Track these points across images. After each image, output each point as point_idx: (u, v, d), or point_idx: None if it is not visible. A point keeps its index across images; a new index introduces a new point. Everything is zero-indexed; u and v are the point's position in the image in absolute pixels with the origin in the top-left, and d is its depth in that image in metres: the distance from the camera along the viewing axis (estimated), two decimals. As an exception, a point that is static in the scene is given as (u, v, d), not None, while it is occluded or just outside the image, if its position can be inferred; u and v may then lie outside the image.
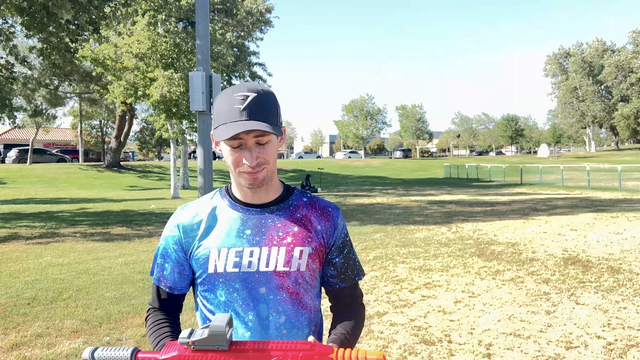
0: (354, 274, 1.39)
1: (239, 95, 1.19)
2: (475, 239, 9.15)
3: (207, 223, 1.30)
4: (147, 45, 17.64)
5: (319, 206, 1.36)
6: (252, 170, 1.22)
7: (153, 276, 1.36)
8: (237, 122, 1.18)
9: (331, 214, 1.36)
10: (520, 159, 56.54)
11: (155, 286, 1.36)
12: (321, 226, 1.33)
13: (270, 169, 1.26)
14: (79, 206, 15.98)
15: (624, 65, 61.29)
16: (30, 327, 4.50)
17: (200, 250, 1.28)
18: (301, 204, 1.35)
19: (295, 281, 1.28)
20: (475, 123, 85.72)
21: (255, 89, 1.21)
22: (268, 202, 1.32)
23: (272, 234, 1.28)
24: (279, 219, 1.30)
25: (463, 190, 23.03)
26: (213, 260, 1.26)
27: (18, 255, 7.93)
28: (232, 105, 1.19)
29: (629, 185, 22.32)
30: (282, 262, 1.26)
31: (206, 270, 1.27)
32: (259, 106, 1.19)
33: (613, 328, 4.37)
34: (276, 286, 1.26)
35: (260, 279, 1.25)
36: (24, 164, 37.01)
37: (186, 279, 1.33)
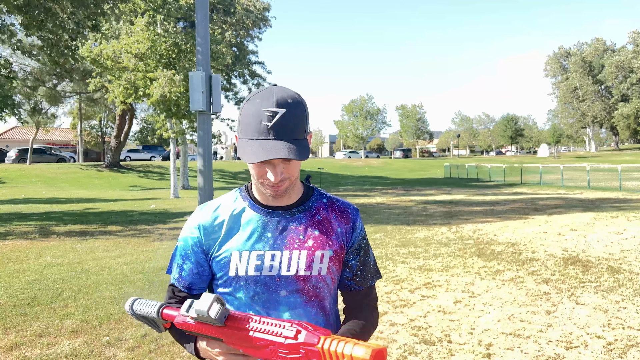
0: (369, 277, 1.39)
1: (267, 111, 1.15)
2: (475, 239, 9.15)
3: (228, 225, 1.30)
4: (147, 45, 17.64)
5: (338, 207, 1.36)
6: (275, 185, 1.22)
7: (171, 275, 1.36)
8: (264, 142, 1.15)
9: (350, 215, 1.36)
10: (520, 158, 56.55)
11: (170, 287, 1.36)
12: (341, 228, 1.33)
13: (292, 181, 1.25)
14: (79, 206, 15.98)
15: (624, 65, 61.28)
16: (30, 327, 4.50)
17: (221, 253, 1.28)
18: (321, 205, 1.35)
19: (316, 285, 1.28)
20: (476, 123, 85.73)
21: (285, 102, 1.17)
22: (289, 204, 1.32)
23: (294, 237, 1.28)
24: (300, 221, 1.30)
25: (463, 190, 23.03)
26: (234, 263, 1.27)
27: (18, 255, 7.93)
28: (260, 121, 1.16)
29: (629, 185, 22.32)
30: (304, 266, 1.27)
31: (227, 273, 1.28)
32: (287, 124, 1.16)
33: (613, 328, 4.37)
34: (297, 290, 1.27)
35: (281, 283, 1.26)
36: (24, 163, 37.00)
37: (205, 280, 1.34)
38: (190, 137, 22.79)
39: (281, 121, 1.15)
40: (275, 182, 1.21)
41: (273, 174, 1.20)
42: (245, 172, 38.35)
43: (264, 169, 1.21)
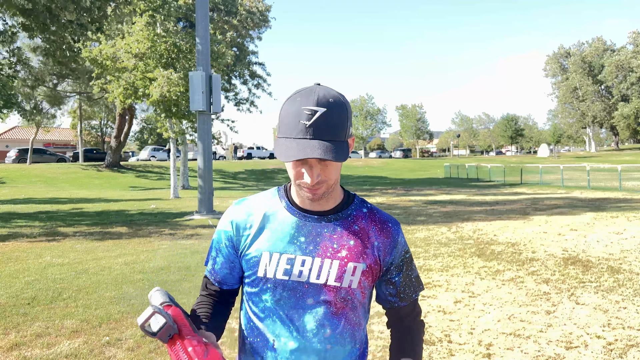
0: (412, 291, 1.34)
1: (306, 109, 1.12)
2: (475, 239, 9.15)
3: (261, 223, 1.26)
4: (146, 45, 17.63)
5: (378, 219, 1.29)
6: (312, 187, 1.18)
7: (206, 267, 1.36)
8: (301, 141, 1.11)
9: (391, 229, 1.29)
10: (520, 158, 56.54)
11: (204, 279, 1.36)
12: (378, 242, 1.27)
13: (330, 184, 1.20)
14: (79, 206, 15.98)
15: (624, 64, 61.28)
16: (30, 327, 4.50)
17: (251, 251, 1.25)
18: (360, 215, 1.29)
19: (345, 297, 1.23)
20: (476, 123, 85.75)
21: (326, 101, 1.13)
22: (327, 210, 1.26)
23: (327, 245, 1.23)
24: (336, 229, 1.25)
25: (463, 190, 23.03)
26: (264, 263, 1.23)
27: (18, 255, 7.93)
28: (299, 119, 1.12)
29: (629, 185, 22.32)
30: (334, 277, 1.22)
31: (255, 273, 1.25)
32: (326, 123, 1.12)
33: (613, 328, 4.37)
34: (324, 299, 1.22)
35: (309, 290, 1.22)
36: (24, 163, 37.00)
37: (236, 276, 1.32)
38: (190, 137, 22.77)
39: (320, 120, 1.11)
40: (311, 184, 1.16)
41: (309, 175, 1.15)
42: (245, 173, 38.37)
43: (301, 170, 1.17)
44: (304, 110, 1.12)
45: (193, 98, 13.06)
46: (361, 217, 1.28)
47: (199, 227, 11.16)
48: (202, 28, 13.47)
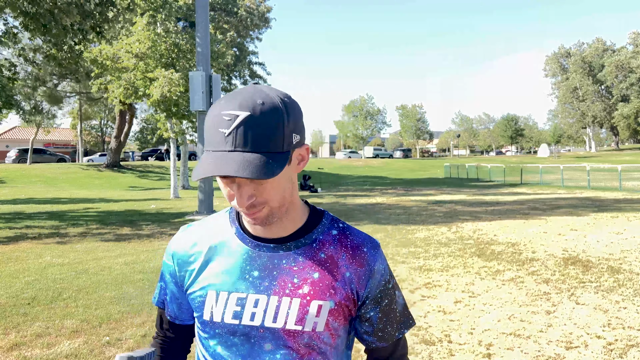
0: (394, 329, 1.09)
1: (226, 115, 0.89)
2: (475, 239, 9.15)
3: (207, 255, 1.05)
4: (147, 45, 17.64)
5: (350, 244, 1.05)
6: (246, 212, 0.96)
7: (154, 299, 1.18)
8: (218, 153, 0.89)
9: (366, 255, 1.04)
10: (520, 158, 56.55)
11: (159, 312, 1.19)
12: (350, 272, 1.03)
13: (274, 205, 0.96)
14: (79, 206, 15.98)
15: (624, 65, 61.29)
16: (30, 327, 4.50)
17: (195, 289, 1.05)
18: (328, 239, 1.05)
19: (309, 342, 1.01)
20: (476, 123, 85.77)
21: (252, 103, 0.89)
22: (285, 235, 1.04)
23: (286, 280, 1.01)
24: (297, 259, 1.02)
25: (463, 190, 23.03)
26: (209, 305, 1.03)
27: (18, 255, 7.93)
28: (217, 127, 0.90)
29: (629, 185, 22.32)
30: (294, 319, 1.00)
31: (202, 316, 1.04)
32: (251, 130, 0.88)
33: (613, 328, 4.37)
34: (284, 345, 1.01)
35: (265, 334, 1.01)
36: (24, 163, 37.01)
37: (186, 312, 1.14)
38: (190, 137, 22.77)
39: (244, 127, 0.88)
40: (241, 207, 0.94)
41: (238, 199, 0.93)
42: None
43: (230, 191, 0.95)
44: (223, 116, 0.89)
45: (193, 98, 13.07)
46: (329, 242, 1.04)
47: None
48: (202, 28, 13.47)
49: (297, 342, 1.01)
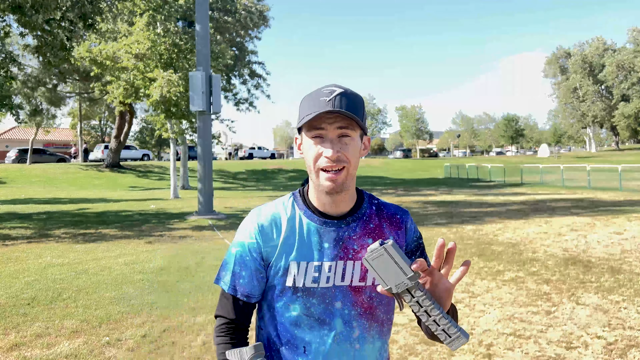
0: None
1: (326, 90, 1.19)
2: (476, 239, 9.15)
3: (287, 233, 1.27)
4: (147, 46, 17.63)
5: (387, 215, 1.34)
6: (332, 166, 1.19)
7: (223, 285, 1.31)
8: (321, 111, 1.17)
9: (400, 220, 1.35)
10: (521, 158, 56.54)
11: (230, 296, 1.31)
12: (393, 235, 1.32)
13: (350, 171, 1.22)
14: (79, 206, 15.97)
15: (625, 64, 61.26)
16: (30, 327, 4.49)
17: (279, 262, 1.26)
18: (372, 212, 1.33)
19: (370, 296, 1.27)
20: (476, 123, 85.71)
21: (343, 87, 1.22)
22: (345, 212, 1.29)
23: (348, 247, 1.27)
24: (355, 230, 1.28)
25: (463, 191, 23.02)
26: (292, 274, 1.25)
27: (18, 255, 7.93)
28: (319, 98, 1.19)
29: (629, 185, 22.31)
30: (358, 277, 1.26)
31: (284, 283, 1.26)
32: (346, 100, 1.18)
33: (613, 328, 4.36)
34: (351, 301, 1.26)
35: (336, 294, 1.25)
36: (24, 163, 37.00)
37: (263, 287, 1.31)
38: (190, 137, 22.76)
39: (341, 96, 1.18)
40: (332, 159, 1.17)
41: (329, 150, 1.17)
42: (245, 173, 38.35)
43: (319, 148, 1.19)
44: (323, 91, 1.19)
45: (193, 98, 13.06)
46: (373, 215, 1.32)
47: (199, 228, 11.16)
48: (202, 28, 13.47)
49: (361, 297, 1.26)
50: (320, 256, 1.25)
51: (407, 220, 1.35)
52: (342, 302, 1.25)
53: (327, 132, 1.19)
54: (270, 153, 56.54)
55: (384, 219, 1.33)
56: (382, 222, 1.32)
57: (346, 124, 1.19)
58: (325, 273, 1.24)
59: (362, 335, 1.26)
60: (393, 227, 1.32)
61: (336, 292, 1.25)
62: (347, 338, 1.25)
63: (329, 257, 1.25)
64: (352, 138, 1.21)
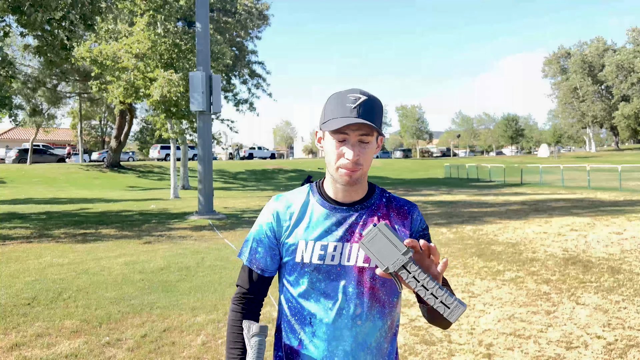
0: None
1: (351, 96, 1.31)
2: (476, 239, 9.15)
3: (299, 215, 1.43)
4: (147, 46, 17.63)
5: (396, 206, 1.47)
6: (350, 166, 1.33)
7: (243, 258, 1.49)
8: (347, 118, 1.29)
9: (407, 211, 1.46)
10: (521, 159, 56.53)
11: (247, 268, 1.48)
12: (399, 224, 1.43)
13: (364, 170, 1.37)
14: (79, 206, 15.98)
15: (625, 64, 61.23)
16: (30, 327, 4.50)
17: (290, 240, 1.41)
18: (382, 203, 1.46)
19: (373, 276, 1.38)
20: (476, 123, 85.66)
21: (367, 93, 1.34)
22: (355, 201, 1.43)
23: (354, 231, 1.39)
24: (362, 216, 1.41)
25: (463, 191, 23.03)
26: (300, 250, 1.39)
27: (18, 255, 7.93)
28: (345, 104, 1.31)
29: (629, 185, 22.31)
30: (362, 258, 1.37)
31: (294, 259, 1.40)
32: (369, 108, 1.31)
33: (613, 328, 4.37)
34: (355, 280, 1.37)
35: (341, 272, 1.37)
36: (24, 163, 37.01)
37: (276, 262, 1.46)
38: (190, 137, 22.76)
39: (365, 104, 1.30)
40: (352, 160, 1.31)
41: (350, 153, 1.31)
42: (246, 173, 38.35)
43: (342, 150, 1.33)
44: (349, 96, 1.32)
45: (193, 98, 13.06)
46: (382, 205, 1.45)
47: (199, 228, 11.16)
48: (202, 28, 13.47)
49: (365, 277, 1.37)
50: (327, 237, 1.38)
51: (414, 212, 1.47)
52: (346, 280, 1.37)
53: (349, 137, 1.32)
54: (270, 153, 56.55)
55: (392, 210, 1.45)
56: (390, 212, 1.44)
57: (367, 132, 1.32)
58: (330, 252, 1.37)
59: (364, 313, 1.37)
60: (400, 217, 1.44)
61: (342, 270, 1.37)
62: (349, 313, 1.36)
63: (335, 238, 1.38)
64: (370, 143, 1.35)
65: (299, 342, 1.40)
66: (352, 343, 1.36)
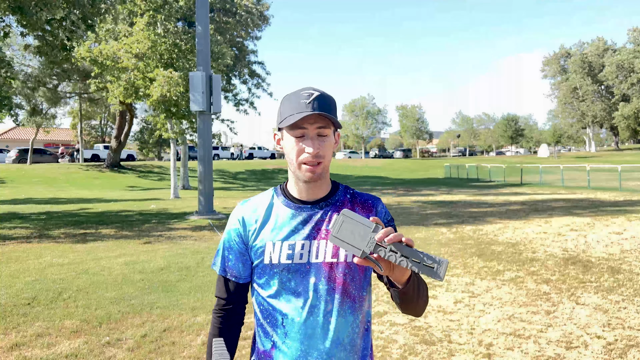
0: None
1: (305, 92, 1.35)
2: (476, 239, 9.15)
3: (264, 218, 1.44)
4: (147, 46, 17.63)
5: (360, 200, 1.49)
6: (312, 161, 1.34)
7: (216, 268, 1.49)
8: (304, 112, 1.31)
9: (372, 204, 1.49)
10: (521, 159, 56.52)
11: (222, 277, 1.48)
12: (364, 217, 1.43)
13: (325, 165, 1.39)
14: (79, 206, 15.98)
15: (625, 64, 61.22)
16: (30, 327, 4.50)
17: (257, 243, 1.42)
18: (345, 199, 1.48)
19: (343, 272, 1.38)
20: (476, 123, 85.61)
21: (319, 90, 1.37)
22: (319, 198, 1.44)
23: (320, 228, 1.40)
24: (327, 213, 1.42)
25: (463, 191, 23.02)
26: (268, 252, 1.39)
27: (18, 255, 7.93)
28: (299, 100, 1.34)
29: (629, 185, 22.31)
30: (330, 254, 1.38)
31: (262, 261, 1.40)
32: (324, 102, 1.34)
33: (613, 328, 4.37)
34: (325, 277, 1.37)
35: (310, 270, 1.38)
36: (24, 164, 37.00)
37: (248, 268, 1.46)
38: (190, 137, 22.76)
39: (319, 98, 1.33)
40: (313, 154, 1.33)
41: (310, 147, 1.33)
42: (246, 173, 38.35)
43: (302, 146, 1.35)
44: (302, 93, 1.34)
45: (193, 98, 13.06)
46: (347, 201, 1.47)
47: (199, 228, 11.16)
48: (202, 28, 13.47)
49: (334, 272, 1.38)
50: (294, 236, 1.39)
51: (379, 204, 1.49)
52: (316, 278, 1.37)
53: (308, 131, 1.34)
54: (270, 153, 56.52)
55: (357, 204, 1.47)
56: (355, 207, 1.46)
57: (324, 124, 1.35)
58: (298, 251, 1.38)
59: (335, 309, 1.37)
60: (365, 210, 1.46)
61: (311, 268, 1.37)
62: (320, 311, 1.36)
63: (302, 237, 1.39)
64: (328, 136, 1.37)
65: (272, 345, 1.39)
66: (326, 341, 1.36)
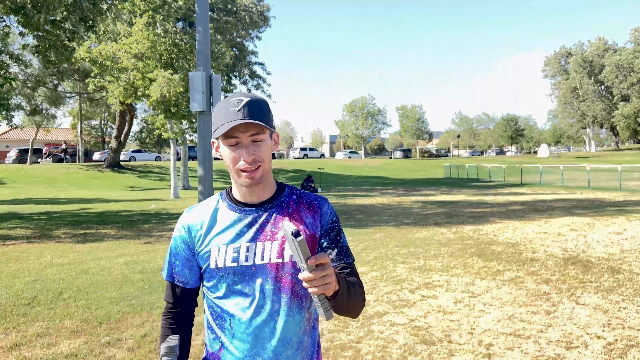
0: (342, 255, 1.45)
1: (234, 100, 1.34)
2: (476, 239, 9.15)
3: (210, 223, 1.43)
4: (146, 46, 17.63)
5: (306, 201, 1.48)
6: (249, 167, 1.34)
7: (164, 274, 1.50)
8: (233, 122, 1.31)
9: (317, 205, 1.48)
10: (521, 159, 56.54)
11: (169, 283, 1.50)
12: (309, 219, 1.44)
13: (265, 167, 1.38)
14: (79, 206, 15.98)
15: (625, 64, 61.23)
16: (30, 327, 4.50)
17: (203, 248, 1.42)
18: (291, 200, 1.47)
19: (289, 271, 1.38)
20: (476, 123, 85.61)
21: (249, 95, 1.36)
22: (263, 200, 1.44)
23: (265, 230, 1.40)
24: (272, 215, 1.42)
25: (463, 191, 23.03)
26: (214, 256, 1.39)
27: (18, 255, 7.93)
28: (229, 108, 1.33)
29: (629, 185, 22.32)
30: (275, 255, 1.38)
31: (209, 266, 1.41)
32: (254, 108, 1.33)
33: (613, 328, 4.37)
34: (271, 277, 1.38)
35: (257, 272, 1.38)
36: (24, 164, 37.00)
37: (196, 274, 1.47)
38: (190, 137, 22.76)
39: (249, 105, 1.33)
40: (248, 161, 1.33)
41: (245, 155, 1.33)
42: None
43: (237, 154, 1.35)
44: (232, 101, 1.34)
45: (193, 98, 13.04)
46: (292, 202, 1.47)
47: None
48: (202, 28, 13.46)
49: (280, 273, 1.38)
50: (239, 239, 1.39)
51: (324, 205, 1.48)
52: (262, 278, 1.38)
53: (241, 139, 1.34)
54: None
55: (302, 205, 1.46)
56: (300, 207, 1.46)
57: (257, 130, 1.34)
58: (243, 253, 1.38)
59: (282, 309, 1.38)
60: (310, 211, 1.45)
61: (257, 269, 1.38)
62: (267, 311, 1.37)
63: (247, 239, 1.39)
64: (264, 140, 1.36)
65: (220, 346, 1.40)
66: (272, 340, 1.37)
